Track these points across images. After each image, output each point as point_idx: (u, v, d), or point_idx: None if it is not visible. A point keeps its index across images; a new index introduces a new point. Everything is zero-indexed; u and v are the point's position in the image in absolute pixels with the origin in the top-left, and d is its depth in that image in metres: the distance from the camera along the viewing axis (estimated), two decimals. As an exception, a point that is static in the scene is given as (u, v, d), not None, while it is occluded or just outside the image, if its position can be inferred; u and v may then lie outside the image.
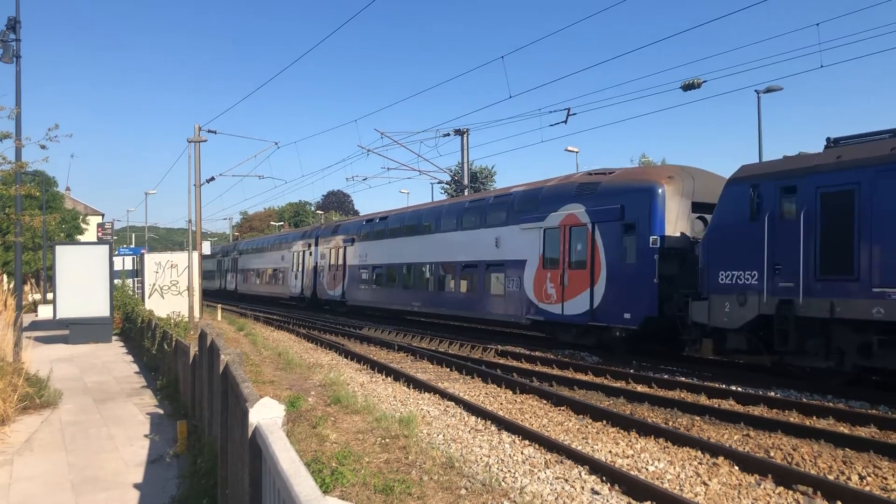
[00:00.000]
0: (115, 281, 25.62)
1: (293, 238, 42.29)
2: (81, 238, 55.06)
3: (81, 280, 21.80)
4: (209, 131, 30.65)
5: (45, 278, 41.24)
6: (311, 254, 37.44)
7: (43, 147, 12.65)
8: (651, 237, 15.42)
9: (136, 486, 7.26)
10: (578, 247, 17.60)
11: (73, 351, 20.19)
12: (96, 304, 21.99)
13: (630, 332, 16.13)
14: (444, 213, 24.98)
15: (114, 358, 18.77)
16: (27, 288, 45.98)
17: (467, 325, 26.08)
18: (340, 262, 32.92)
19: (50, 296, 29.43)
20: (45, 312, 30.73)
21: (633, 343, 16.70)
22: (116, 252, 40.17)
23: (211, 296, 56.98)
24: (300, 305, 39.92)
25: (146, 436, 9.47)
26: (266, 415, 3.53)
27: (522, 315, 19.46)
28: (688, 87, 21.94)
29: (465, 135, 31.67)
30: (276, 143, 33.64)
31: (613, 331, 16.50)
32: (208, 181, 34.48)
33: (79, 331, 21.84)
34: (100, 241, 43.74)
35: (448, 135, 31.36)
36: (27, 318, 26.26)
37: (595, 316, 16.79)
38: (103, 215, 73.83)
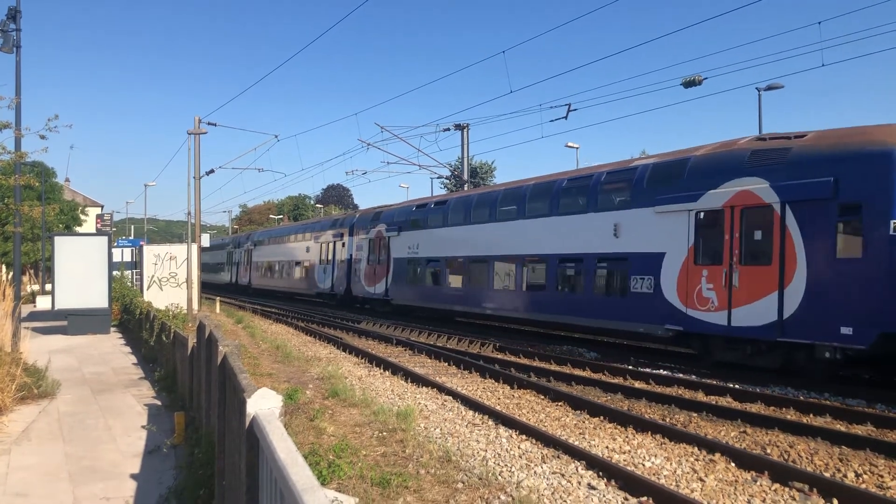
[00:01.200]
0: (114, 272, 25.62)
1: (321, 227, 37.54)
2: (80, 229, 54.99)
3: (80, 271, 21.82)
4: (209, 123, 30.66)
5: (44, 269, 41.22)
6: (343, 245, 32.88)
7: (42, 137, 12.70)
8: (892, 222, 11.36)
9: (133, 476, 7.27)
10: (757, 234, 13.37)
11: (72, 342, 20.19)
12: (95, 296, 22.01)
13: (850, 353, 11.91)
14: (529, 194, 20.20)
15: (112, 349, 18.77)
16: (26, 278, 45.95)
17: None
18: (383, 254, 28.45)
19: (48, 286, 29.45)
20: (43, 303, 30.76)
21: (842, 367, 12.73)
22: (115, 243, 40.15)
23: (221, 291, 52.75)
24: (329, 303, 35.58)
25: (144, 426, 9.48)
26: (263, 405, 3.52)
27: (658, 324, 15.12)
28: (688, 83, 21.93)
29: (465, 130, 31.65)
30: (276, 137, 33.62)
31: (820, 350, 12.20)
32: (208, 174, 34.37)
33: (77, 322, 21.86)
34: (99, 233, 43.73)
35: (448, 129, 31.34)
36: (25, 309, 26.25)
37: (786, 329, 12.55)
38: (102, 206, 73.77)
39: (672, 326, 14.91)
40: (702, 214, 14.40)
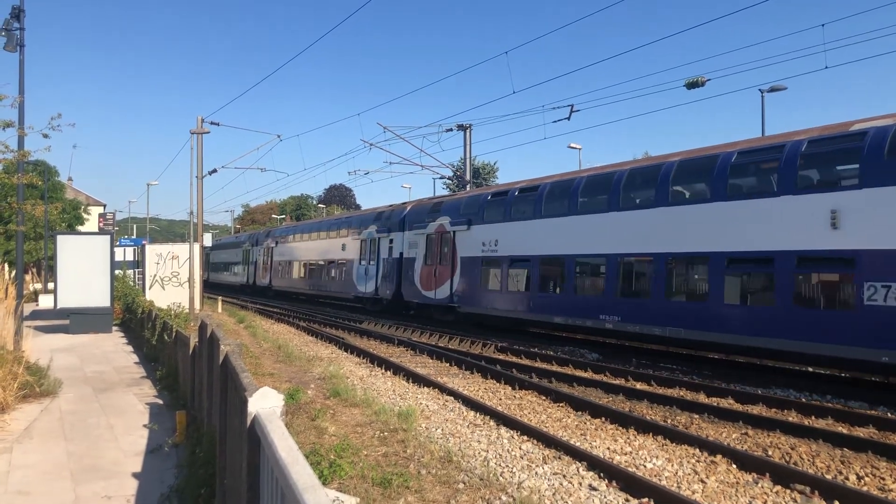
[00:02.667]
0: (116, 271, 25.66)
1: (361, 222, 32.82)
2: (83, 228, 55.09)
3: (82, 270, 21.84)
4: (212, 123, 30.71)
5: (46, 268, 41.28)
6: (391, 241, 28.61)
7: (45, 136, 12.71)
8: None
9: (135, 475, 7.27)
10: None
11: (74, 341, 20.21)
12: (97, 295, 22.03)
13: None
14: (673, 174, 15.64)
15: (114, 348, 18.79)
16: (28, 277, 46.01)
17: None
18: (446, 252, 24.01)
19: (51, 285, 29.51)
20: (45, 302, 30.80)
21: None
22: (118, 243, 40.21)
23: (235, 293, 49.28)
24: (373, 308, 30.94)
25: (145, 425, 9.48)
26: (265, 404, 3.52)
27: None
28: (691, 85, 21.90)
29: (467, 130, 31.65)
30: (279, 136, 33.68)
31: None
32: (210, 173, 34.45)
33: (79, 321, 21.88)
34: (101, 232, 43.79)
35: (451, 130, 31.34)
36: (28, 308, 26.30)
37: None
38: (105, 206, 73.93)
39: None
40: None
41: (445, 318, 24.61)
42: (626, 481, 7.13)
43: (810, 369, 14.46)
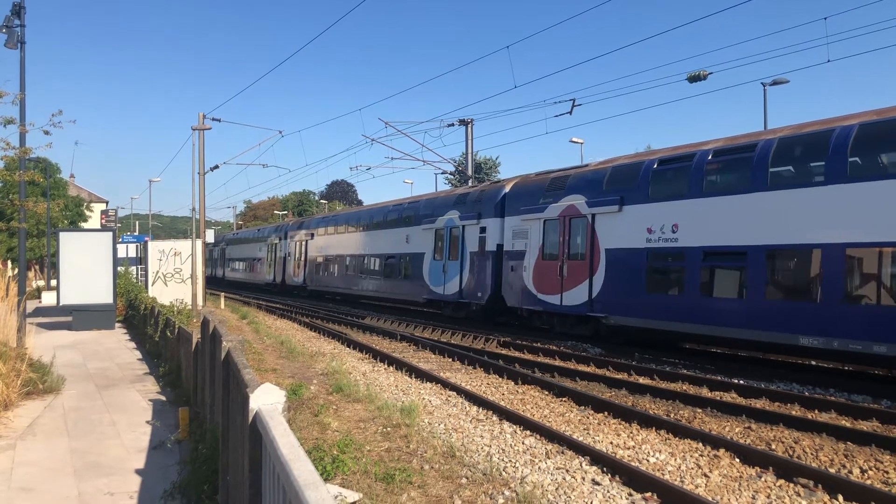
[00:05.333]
0: (119, 268, 25.68)
1: (429, 207, 26.83)
2: (85, 225, 55.17)
3: (85, 267, 21.86)
4: (213, 119, 30.64)
5: (49, 265, 41.33)
6: (482, 230, 22.92)
7: (46, 133, 12.71)
8: None
9: (138, 471, 7.28)
10: None
11: (77, 337, 20.25)
12: (99, 291, 22.07)
13: None
14: None
15: (117, 345, 18.81)
16: (31, 274, 46.05)
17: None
18: (579, 242, 18.46)
19: (53, 282, 29.55)
20: (48, 299, 30.86)
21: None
22: (120, 239, 40.21)
23: (260, 293, 44.60)
24: (455, 315, 24.79)
25: (148, 422, 9.49)
26: (266, 400, 3.51)
27: None
28: (693, 78, 21.84)
29: (469, 125, 31.60)
30: (280, 132, 33.65)
31: None
32: (212, 169, 34.34)
33: (82, 317, 21.93)
34: (103, 228, 43.79)
35: (452, 125, 31.30)
36: (31, 305, 26.34)
37: None
38: (107, 202, 74.06)
39: None
40: None
41: (577, 332, 18.71)
42: (630, 476, 7.12)
43: (813, 363, 14.44)
